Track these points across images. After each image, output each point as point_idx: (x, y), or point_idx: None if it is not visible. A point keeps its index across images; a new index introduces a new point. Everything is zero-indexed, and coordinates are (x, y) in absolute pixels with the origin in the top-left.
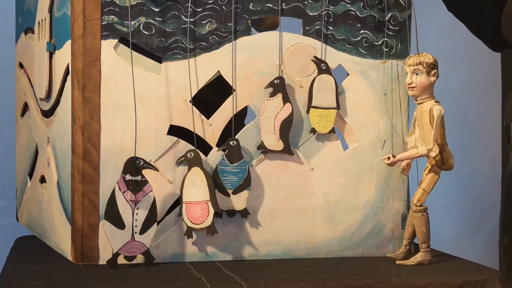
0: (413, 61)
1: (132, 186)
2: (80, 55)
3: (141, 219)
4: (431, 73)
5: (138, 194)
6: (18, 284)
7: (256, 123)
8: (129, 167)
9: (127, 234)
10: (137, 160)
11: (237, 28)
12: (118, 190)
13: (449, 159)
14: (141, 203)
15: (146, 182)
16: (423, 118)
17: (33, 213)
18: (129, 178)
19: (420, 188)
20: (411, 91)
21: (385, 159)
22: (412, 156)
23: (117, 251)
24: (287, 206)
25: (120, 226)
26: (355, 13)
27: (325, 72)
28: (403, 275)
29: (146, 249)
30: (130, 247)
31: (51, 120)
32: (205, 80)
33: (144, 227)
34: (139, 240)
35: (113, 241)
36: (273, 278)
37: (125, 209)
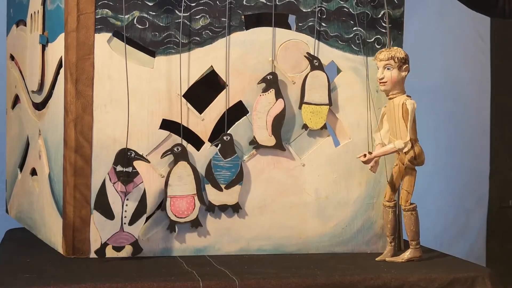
0: (384, 55)
1: (122, 177)
2: (73, 49)
3: (131, 210)
4: (402, 68)
5: (129, 185)
6: (10, 277)
7: (248, 118)
8: (120, 158)
9: (116, 225)
10: (128, 151)
11: (231, 24)
12: (108, 180)
13: (421, 155)
14: (131, 194)
15: (136, 174)
16: (395, 113)
17: (23, 206)
18: (120, 169)
19: (404, 190)
20: (382, 86)
21: (361, 156)
22: (389, 151)
23: (105, 241)
24: (278, 202)
25: (110, 217)
26: (348, 10)
27: (317, 69)
28: (393, 272)
29: (135, 240)
30: (119, 238)
31: (43, 113)
32: (198, 75)
33: (133, 218)
34: (127, 230)
35: (102, 231)
36: (264, 273)
37: (115, 199)
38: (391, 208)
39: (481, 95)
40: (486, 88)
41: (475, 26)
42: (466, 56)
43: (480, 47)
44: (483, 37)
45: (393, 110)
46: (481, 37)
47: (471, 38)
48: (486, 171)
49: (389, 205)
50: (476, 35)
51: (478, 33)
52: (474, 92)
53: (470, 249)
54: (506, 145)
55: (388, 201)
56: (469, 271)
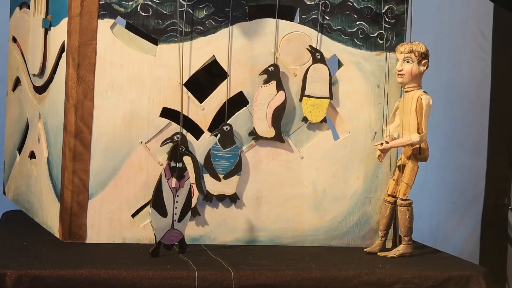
0: (406, 48)
1: (176, 173)
2: (76, 34)
3: (180, 207)
4: (421, 63)
5: (182, 181)
6: (6, 260)
7: (249, 109)
8: (174, 153)
9: (168, 222)
10: (180, 146)
11: (234, 14)
12: (164, 177)
13: (426, 150)
14: (181, 190)
15: (185, 169)
16: (407, 106)
17: (21, 188)
18: (173, 165)
19: (403, 182)
20: (400, 78)
21: (378, 144)
22: (405, 143)
23: (159, 240)
24: (276, 193)
25: (164, 214)
26: (352, 4)
27: (319, 62)
28: (388, 267)
29: (182, 237)
30: (170, 236)
31: (44, 96)
32: (199, 64)
33: (181, 215)
34: (177, 228)
35: (157, 230)
36: (259, 264)
37: (168, 196)
38: (390, 204)
39: (480, 93)
40: (486, 85)
41: (477, 23)
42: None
43: (481, 45)
44: (485, 35)
45: (407, 103)
46: (483, 34)
47: (473, 35)
48: (483, 168)
49: (389, 201)
50: (478, 32)
51: (480, 30)
52: (473, 89)
53: (464, 245)
54: (504, 143)
55: (389, 196)
56: (464, 270)
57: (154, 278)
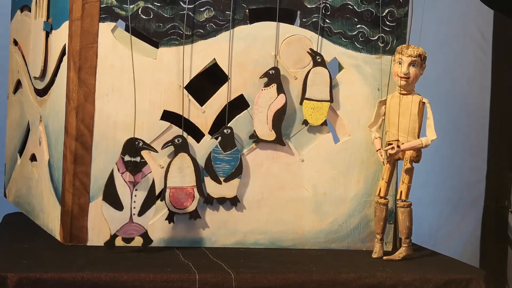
0: (413, 52)
1: (130, 167)
2: (77, 37)
3: (140, 201)
4: (422, 66)
5: (137, 175)
6: (7, 263)
7: (249, 112)
8: (129, 147)
9: (125, 216)
10: (136, 141)
11: (235, 17)
12: (116, 171)
13: (419, 153)
14: (140, 185)
15: (145, 163)
16: (407, 109)
17: (21, 191)
18: (128, 159)
19: (405, 184)
20: (403, 81)
21: (389, 148)
22: (416, 146)
23: (115, 233)
24: (276, 196)
25: (118, 208)
26: (352, 7)
27: (320, 65)
28: (388, 271)
29: (145, 231)
30: (128, 229)
31: (45, 99)
32: (200, 67)
33: (142, 209)
34: (137, 221)
35: (111, 222)
36: (260, 267)
37: (123, 190)
38: (385, 206)
39: (481, 94)
40: (486, 87)
41: (477, 25)
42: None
43: (481, 46)
44: (485, 36)
45: (405, 106)
46: (483, 36)
47: (473, 37)
48: (483, 170)
49: (383, 203)
50: (478, 34)
51: (480, 32)
52: (474, 91)
53: (464, 248)
54: (504, 145)
55: (382, 198)
56: (464, 273)
57: (155, 281)
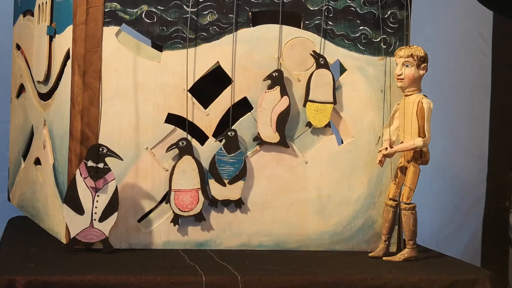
0: (404, 53)
1: (92, 172)
2: (81, 41)
3: (101, 207)
4: (420, 66)
5: (99, 181)
6: (15, 266)
7: (253, 114)
8: (92, 153)
9: (85, 220)
10: (100, 147)
11: (238, 20)
12: (79, 175)
13: (426, 154)
14: (102, 191)
15: (108, 170)
16: (408, 109)
17: (26, 194)
18: (91, 164)
19: (406, 186)
20: (399, 82)
21: (382, 149)
22: (409, 148)
23: (74, 236)
24: (280, 198)
25: (79, 211)
26: (355, 9)
27: (323, 67)
28: (394, 272)
29: (105, 237)
30: (88, 234)
31: (49, 103)
32: (204, 70)
33: (104, 215)
34: (97, 227)
35: (71, 225)
36: (266, 269)
37: (85, 194)
38: (392, 208)
39: (481, 96)
40: (487, 88)
41: (477, 26)
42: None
43: (481, 47)
44: (485, 37)
45: (407, 107)
46: (482, 37)
47: (473, 38)
48: (484, 171)
49: (391, 204)
50: (478, 35)
51: (480, 33)
52: (474, 93)
53: (465, 249)
54: (505, 146)
55: (391, 200)
56: (470, 273)
57: (162, 283)
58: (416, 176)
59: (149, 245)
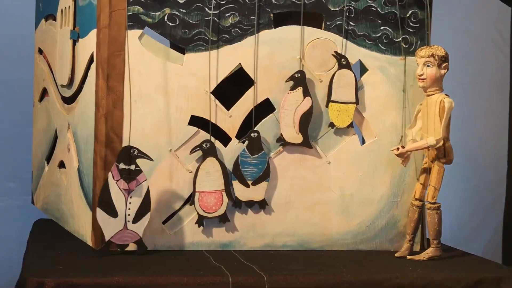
0: (425, 53)
1: (124, 174)
2: (105, 45)
3: (135, 208)
4: (442, 66)
5: (131, 183)
6: (43, 268)
7: (275, 115)
8: (124, 155)
9: (120, 222)
10: (131, 149)
11: (260, 22)
12: (111, 178)
13: (450, 153)
14: (134, 192)
15: (140, 171)
16: (431, 109)
17: (50, 197)
18: (122, 166)
19: (431, 186)
20: (421, 82)
21: (394, 149)
22: (421, 147)
23: (109, 239)
24: (304, 198)
25: (113, 214)
26: (376, 10)
27: (345, 67)
28: (419, 271)
29: (139, 238)
30: (123, 236)
31: (72, 107)
32: (226, 72)
33: (137, 216)
34: (131, 229)
35: (105, 228)
36: (291, 269)
37: (118, 197)
38: (418, 208)
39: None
40: (505, 85)
41: (495, 24)
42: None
43: (499, 45)
44: (503, 36)
45: (430, 107)
46: (501, 35)
47: (491, 36)
48: (503, 169)
49: (417, 204)
50: (497, 34)
51: (498, 32)
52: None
53: (486, 247)
54: None
55: (417, 200)
56: (495, 272)
57: (189, 284)
58: (441, 176)
59: (174, 246)
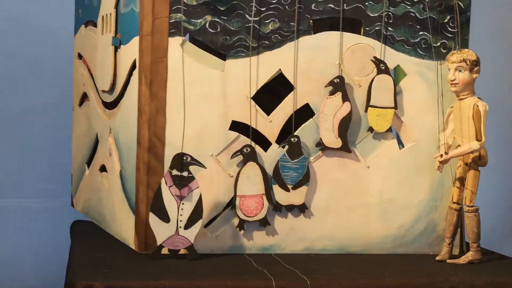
0: (457, 58)
1: (177, 181)
2: (148, 52)
3: (186, 215)
4: (473, 70)
5: (183, 189)
6: (91, 271)
7: (315, 120)
8: (176, 162)
9: (171, 228)
10: (184, 156)
11: (299, 28)
12: (164, 184)
13: (485, 156)
14: (187, 199)
15: (192, 178)
16: (464, 114)
17: (91, 201)
18: (175, 173)
19: (468, 190)
20: (453, 87)
21: (437, 156)
22: (465, 152)
23: (161, 244)
24: (343, 202)
25: (165, 219)
26: (414, 15)
27: (383, 72)
28: (460, 275)
29: (190, 244)
30: (174, 241)
31: (114, 112)
32: (266, 78)
33: (189, 223)
34: (183, 234)
35: (157, 233)
36: (333, 273)
37: (170, 203)
38: (457, 211)
39: None
40: None
41: None
42: None
43: None
44: None
45: (462, 111)
46: None
47: None
48: None
49: (455, 208)
50: None
51: None
52: None
53: None
54: None
55: (455, 203)
56: None
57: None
58: (477, 179)
59: (215, 250)
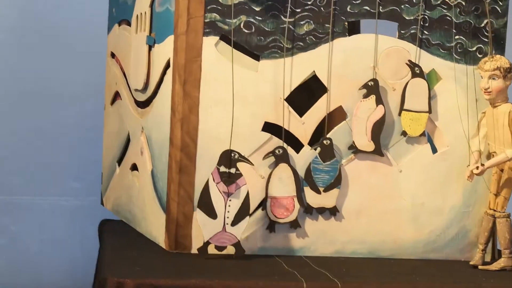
0: (490, 66)
1: (225, 178)
2: (182, 51)
3: (233, 211)
4: (507, 77)
5: (231, 186)
6: (122, 269)
7: (348, 123)
8: (224, 159)
9: (218, 224)
10: (232, 153)
11: (334, 30)
12: (212, 180)
13: None
14: (234, 195)
15: (240, 175)
16: (499, 120)
17: (121, 199)
18: (223, 170)
19: (501, 196)
20: (487, 95)
21: (473, 169)
22: (502, 161)
23: (207, 240)
24: (374, 206)
25: (212, 216)
26: (450, 19)
27: (418, 76)
28: (492, 281)
29: (237, 241)
30: (221, 237)
31: (146, 111)
32: (300, 79)
33: (236, 219)
34: (230, 231)
35: (204, 230)
36: (364, 277)
37: (217, 199)
38: (492, 217)
39: None
40: None
41: None
42: None
43: None
44: None
45: (497, 118)
46: None
47: None
48: None
49: (492, 214)
50: None
51: None
52: None
53: None
54: None
55: (491, 209)
56: None
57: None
58: (511, 185)
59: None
